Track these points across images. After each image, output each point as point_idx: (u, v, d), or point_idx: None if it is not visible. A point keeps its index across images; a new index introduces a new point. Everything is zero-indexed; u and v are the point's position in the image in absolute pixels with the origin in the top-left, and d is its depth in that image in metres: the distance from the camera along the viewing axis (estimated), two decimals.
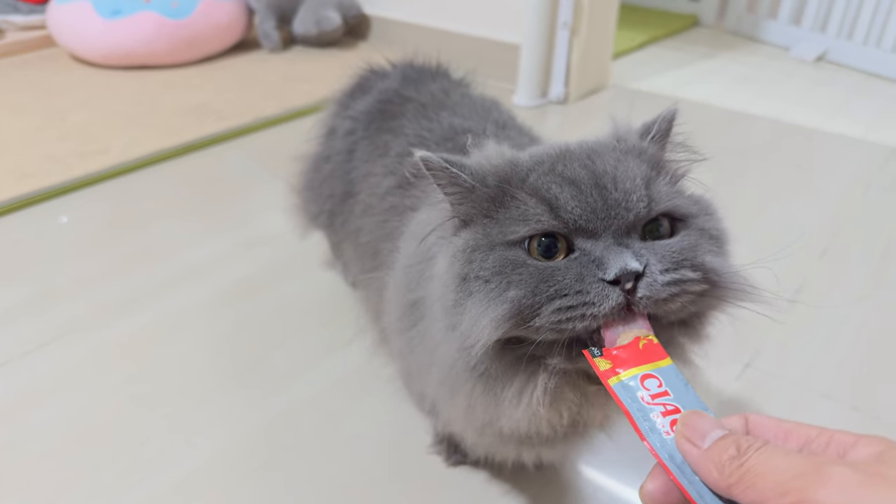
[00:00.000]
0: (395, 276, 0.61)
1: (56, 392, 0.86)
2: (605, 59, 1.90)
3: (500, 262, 0.42)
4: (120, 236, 1.20)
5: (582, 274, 0.40)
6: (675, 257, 0.42)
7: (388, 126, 0.81)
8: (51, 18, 1.94)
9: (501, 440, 0.54)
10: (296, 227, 0.99)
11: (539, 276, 0.41)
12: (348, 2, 2.11)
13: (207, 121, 1.60)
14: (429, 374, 0.53)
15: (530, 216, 0.43)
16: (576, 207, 0.42)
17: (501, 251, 0.43)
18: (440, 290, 0.47)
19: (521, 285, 0.41)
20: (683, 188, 0.49)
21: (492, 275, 0.42)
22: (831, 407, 0.84)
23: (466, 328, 0.43)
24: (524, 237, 0.43)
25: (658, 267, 0.41)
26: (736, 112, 1.79)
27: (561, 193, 0.42)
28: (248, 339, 0.96)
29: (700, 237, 0.44)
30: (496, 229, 0.44)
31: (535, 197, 0.43)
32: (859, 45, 2.16)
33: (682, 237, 0.44)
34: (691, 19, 2.64)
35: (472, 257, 0.44)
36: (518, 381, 0.45)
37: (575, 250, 0.42)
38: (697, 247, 0.43)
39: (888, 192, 1.38)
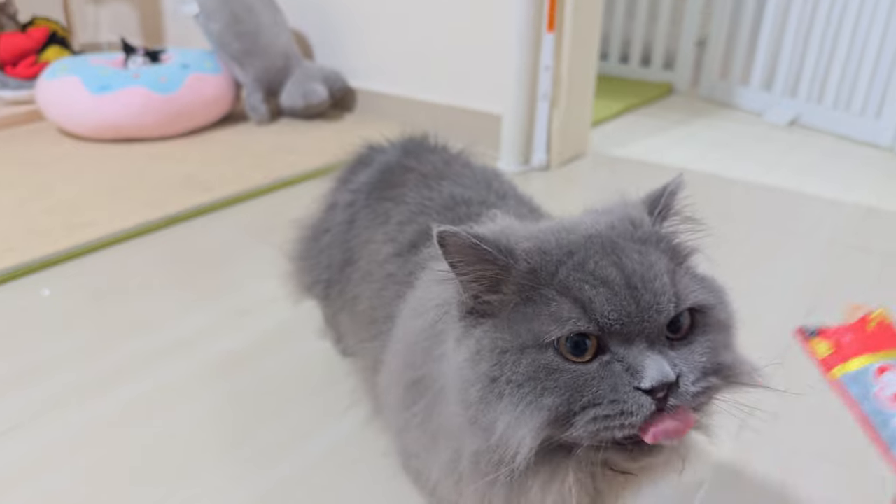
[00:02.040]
0: (395, 352, 0.60)
1: (37, 472, 0.83)
2: (585, 127, 1.95)
3: (534, 368, 0.42)
4: (106, 309, 1.18)
5: (616, 384, 0.40)
6: (703, 366, 0.42)
7: (389, 195, 0.81)
8: (39, 93, 1.97)
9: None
10: (289, 295, 0.99)
11: (574, 384, 0.41)
12: (334, 75, 2.17)
13: (194, 192, 1.61)
14: (431, 454, 0.52)
15: (564, 317, 0.42)
16: (612, 312, 0.41)
17: (534, 355, 0.42)
18: (459, 382, 0.45)
19: (556, 392, 0.41)
20: (695, 269, 0.50)
21: (525, 380, 0.42)
22: (828, 468, 0.84)
23: (503, 435, 0.42)
24: (557, 336, 0.42)
25: (690, 378, 0.42)
26: (713, 176, 1.84)
27: (596, 296, 0.42)
28: (238, 411, 0.94)
29: (718, 334, 0.45)
30: (524, 327, 0.43)
31: (568, 298, 0.42)
32: (829, 109, 2.24)
33: (705, 339, 0.44)
34: (666, 87, 2.73)
35: (502, 359, 0.43)
36: (545, 471, 0.44)
37: (607, 352, 0.42)
38: (718, 348, 0.44)
39: (865, 252, 1.41)
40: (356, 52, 2.20)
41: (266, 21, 2.07)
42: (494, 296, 0.45)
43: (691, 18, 2.65)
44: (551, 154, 1.85)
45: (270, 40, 2.07)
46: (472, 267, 0.44)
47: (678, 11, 2.69)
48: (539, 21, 1.71)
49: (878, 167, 1.95)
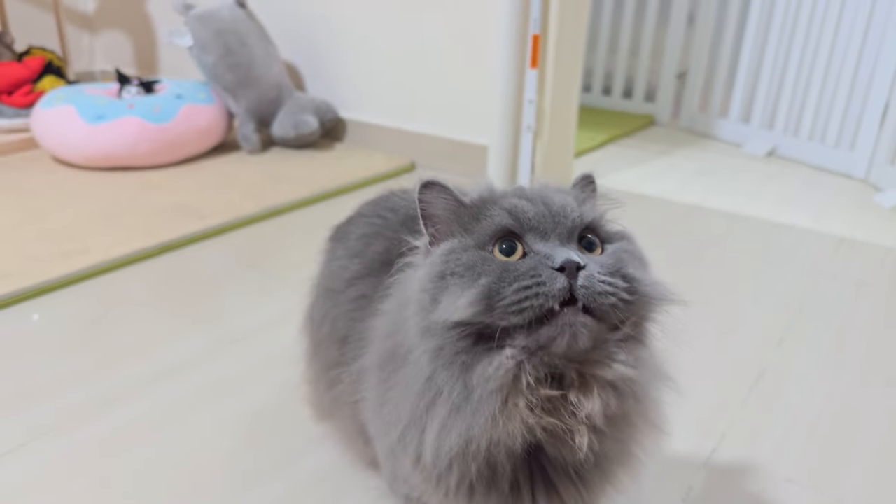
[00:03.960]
0: (375, 337, 0.63)
1: (30, 497, 0.85)
2: (568, 158, 2.01)
3: (473, 259, 0.52)
4: (98, 336, 1.21)
5: (535, 265, 0.50)
6: (609, 266, 0.51)
7: (346, 226, 0.84)
8: (35, 122, 2.01)
9: (467, 482, 0.55)
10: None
11: (503, 268, 0.50)
12: (325, 106, 2.22)
13: (187, 220, 1.65)
14: (398, 408, 0.56)
15: (496, 218, 0.53)
16: (529, 211, 0.53)
17: (474, 250, 0.53)
18: (417, 295, 0.54)
19: (489, 274, 0.50)
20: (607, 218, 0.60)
21: (465, 270, 0.51)
22: (796, 490, 0.88)
23: (443, 310, 0.51)
24: (491, 236, 0.53)
25: (596, 268, 0.50)
26: (693, 206, 1.89)
27: (520, 204, 0.54)
28: (228, 436, 0.96)
29: (624, 255, 0.54)
30: (470, 237, 0.54)
31: (503, 208, 0.54)
32: (805, 141, 2.32)
33: (611, 254, 0.54)
34: (647, 119, 2.80)
35: (448, 258, 0.53)
36: (486, 359, 0.50)
37: (529, 253, 0.52)
38: (624, 262, 0.53)
39: (838, 280, 1.46)
40: (346, 84, 2.25)
41: (259, 53, 2.12)
42: (454, 225, 0.56)
43: (672, 53, 2.73)
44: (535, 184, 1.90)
45: (263, 72, 2.13)
46: (440, 204, 0.56)
47: (659, 46, 2.78)
48: (523, 57, 1.77)
49: (852, 197, 2.01)
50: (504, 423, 0.50)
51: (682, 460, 0.93)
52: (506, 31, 1.74)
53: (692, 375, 1.11)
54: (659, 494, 0.87)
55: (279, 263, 1.50)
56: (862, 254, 1.60)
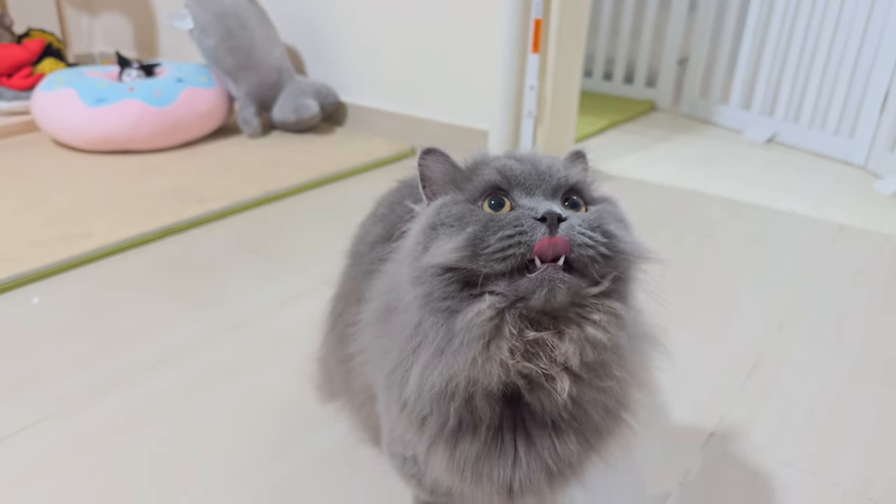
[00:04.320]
0: (375, 286, 0.66)
1: (33, 481, 0.86)
2: (568, 144, 2.01)
3: (461, 211, 0.55)
4: (101, 320, 1.22)
5: (519, 216, 0.52)
6: (589, 223, 0.53)
7: (392, 193, 0.84)
8: (36, 105, 2.00)
9: (450, 426, 0.57)
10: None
11: (489, 218, 0.53)
12: (325, 90, 2.21)
13: (188, 204, 1.65)
14: (386, 358, 0.59)
15: (486, 175, 0.57)
16: (516, 169, 0.56)
17: (464, 203, 0.56)
18: (411, 246, 0.57)
19: (475, 224, 0.53)
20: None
21: (454, 220, 0.54)
22: (793, 474, 0.89)
23: (431, 255, 0.53)
24: (481, 191, 0.56)
25: (577, 221, 0.53)
26: (693, 192, 1.90)
27: (509, 163, 0.57)
28: (232, 419, 0.98)
29: (606, 214, 0.56)
30: (462, 193, 0.57)
31: (493, 167, 0.57)
32: (805, 128, 2.32)
33: (594, 210, 0.57)
34: (648, 104, 2.80)
35: (440, 210, 0.56)
36: (469, 306, 0.52)
37: (515, 208, 0.54)
38: (604, 219, 0.55)
39: (836, 268, 1.47)
40: (347, 68, 2.25)
41: (259, 36, 2.11)
42: (450, 185, 0.59)
43: (673, 38, 2.72)
44: None
45: (263, 55, 2.12)
46: (437, 168, 0.60)
47: (660, 31, 2.77)
48: (524, 43, 1.76)
49: (851, 185, 2.02)
50: (483, 364, 0.52)
51: (679, 444, 0.94)
52: (508, 16, 1.74)
53: (692, 360, 1.13)
54: (656, 477, 0.88)
55: (280, 248, 1.50)
56: (860, 241, 1.61)
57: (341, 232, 0.85)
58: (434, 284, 0.53)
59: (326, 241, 1.52)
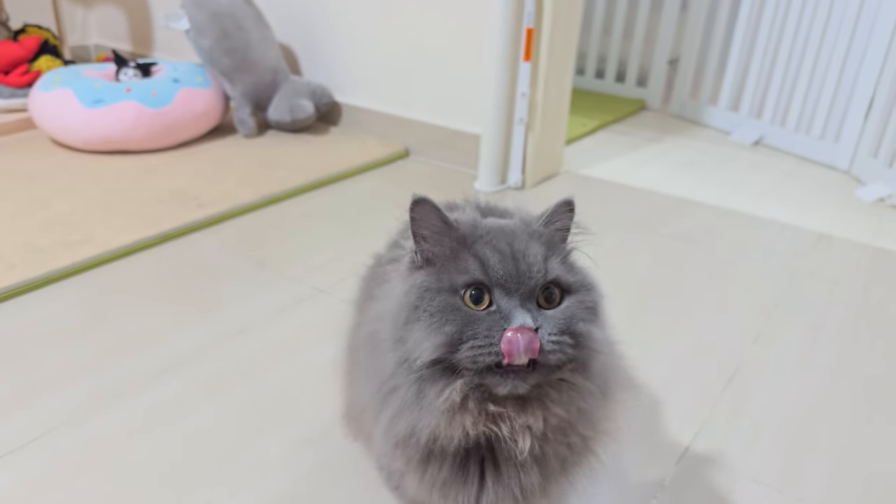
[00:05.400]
0: (370, 308, 0.71)
1: (42, 491, 0.90)
2: (558, 148, 2.05)
3: (444, 304, 0.58)
4: (103, 327, 1.26)
5: (492, 325, 0.56)
6: (559, 325, 0.57)
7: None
8: (33, 104, 2.02)
9: (419, 457, 0.64)
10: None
11: (467, 320, 0.57)
12: (321, 90, 2.24)
13: (186, 208, 1.68)
14: (367, 385, 0.66)
15: (470, 270, 0.59)
16: (500, 270, 0.58)
17: (446, 295, 0.59)
18: (395, 308, 0.61)
19: (454, 324, 0.57)
20: (573, 262, 0.64)
21: (436, 311, 0.58)
22: (759, 490, 0.95)
23: (412, 346, 0.58)
24: (463, 285, 0.59)
25: (547, 330, 0.57)
26: (679, 198, 1.95)
27: (491, 258, 0.59)
28: (229, 429, 1.02)
29: (578, 308, 0.60)
30: (445, 276, 0.60)
31: (476, 259, 0.60)
32: (791, 132, 2.36)
33: (566, 308, 0.59)
34: (639, 104, 2.84)
35: (424, 295, 0.59)
36: (441, 383, 0.58)
37: (493, 304, 0.58)
38: (575, 317, 0.59)
39: (814, 277, 1.52)
40: (342, 68, 2.27)
41: (255, 37, 2.13)
42: (437, 248, 0.61)
43: (664, 38, 2.75)
44: (526, 174, 1.95)
45: (259, 56, 2.14)
46: (428, 223, 0.61)
47: (652, 31, 2.79)
48: (516, 51, 1.80)
49: (834, 190, 2.07)
50: (446, 429, 0.59)
51: (656, 457, 0.99)
52: (500, 24, 1.77)
53: (671, 373, 1.18)
54: (633, 489, 0.94)
55: (278, 253, 1.54)
56: (840, 250, 1.66)
57: (336, 237, 0.87)
58: (410, 359, 0.59)
59: (323, 246, 1.56)
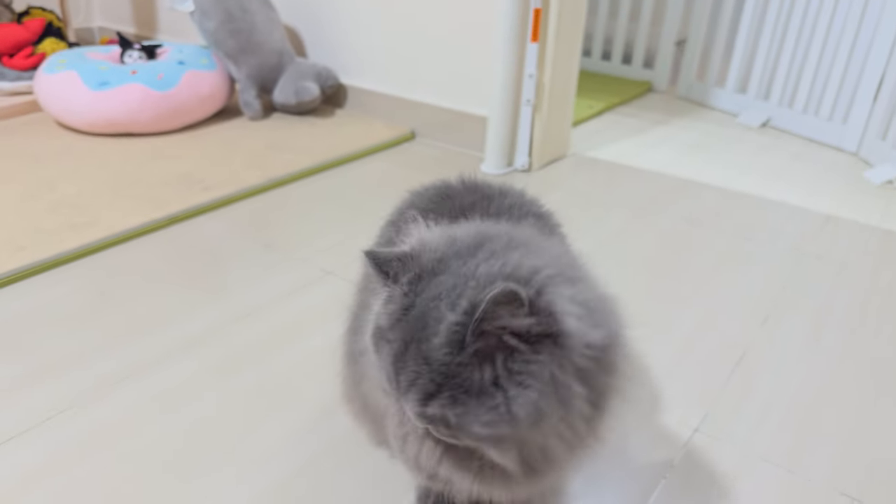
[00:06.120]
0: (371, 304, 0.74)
1: (51, 473, 0.91)
2: (565, 130, 2.04)
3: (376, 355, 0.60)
4: (111, 309, 1.26)
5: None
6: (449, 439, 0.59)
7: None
8: (38, 87, 2.02)
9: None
10: None
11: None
12: (326, 72, 2.23)
13: (193, 191, 1.68)
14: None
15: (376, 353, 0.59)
16: (385, 383, 0.58)
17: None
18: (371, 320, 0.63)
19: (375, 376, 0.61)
20: (472, 401, 0.53)
21: (376, 354, 0.60)
22: (769, 470, 0.95)
23: (370, 380, 0.69)
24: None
25: (440, 435, 0.58)
26: (686, 180, 1.94)
27: (382, 368, 0.58)
28: (235, 413, 1.02)
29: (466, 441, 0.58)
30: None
31: (379, 348, 0.58)
32: (800, 113, 2.35)
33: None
34: (645, 85, 2.82)
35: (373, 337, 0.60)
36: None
37: None
38: (465, 442, 0.58)
39: (821, 260, 1.52)
40: (347, 50, 2.26)
41: (260, 19, 2.12)
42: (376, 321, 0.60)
43: (671, 19, 2.73)
44: (533, 157, 1.94)
45: (264, 38, 2.13)
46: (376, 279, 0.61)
47: (659, 12, 2.77)
48: (524, 32, 1.78)
49: (842, 172, 2.06)
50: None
51: (665, 439, 1.00)
52: (508, 4, 1.75)
53: (680, 355, 1.19)
54: (641, 471, 0.94)
55: (285, 236, 1.54)
56: (847, 232, 1.66)
57: (343, 219, 0.87)
58: None
59: (329, 229, 1.56)
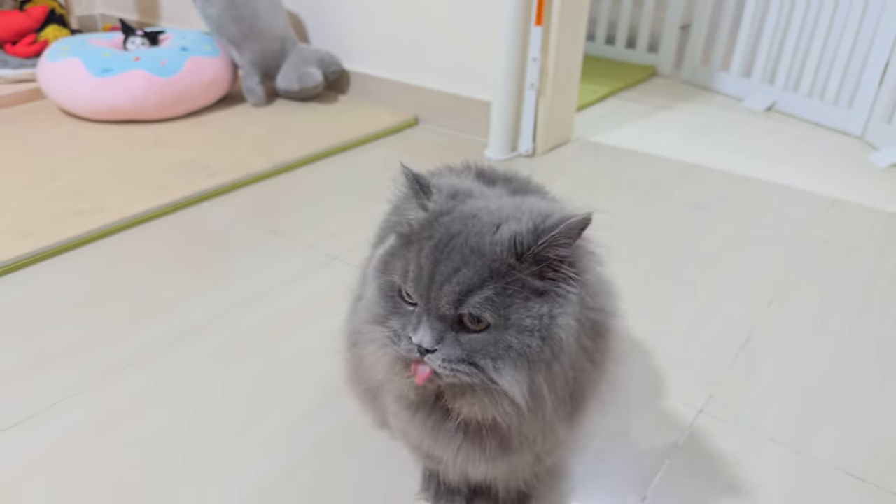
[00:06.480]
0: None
1: (54, 459, 0.92)
2: (569, 115, 2.03)
3: (385, 287, 0.62)
4: (118, 295, 1.27)
5: (406, 323, 0.60)
6: (458, 356, 0.58)
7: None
8: (41, 75, 2.01)
9: (406, 408, 0.69)
10: None
11: (393, 308, 0.61)
12: (329, 58, 2.22)
13: (197, 177, 1.68)
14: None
15: (399, 270, 0.61)
16: (411, 286, 0.59)
17: (388, 280, 0.62)
18: (374, 264, 0.65)
19: (382, 307, 0.62)
20: (522, 299, 0.57)
21: (378, 288, 0.63)
22: (775, 449, 0.96)
23: (360, 314, 0.67)
24: (397, 285, 0.61)
25: (441, 356, 0.58)
26: (691, 164, 1.93)
27: (413, 270, 0.59)
28: (242, 397, 1.03)
29: (493, 345, 0.58)
30: (393, 262, 0.62)
31: (405, 262, 0.60)
32: (805, 97, 2.34)
33: (482, 338, 0.58)
34: (650, 70, 2.81)
35: (378, 267, 0.63)
36: (377, 348, 0.64)
37: (413, 306, 0.60)
38: (482, 352, 0.58)
39: (827, 243, 1.52)
40: (350, 36, 2.25)
41: (263, 5, 2.11)
42: (405, 228, 0.62)
43: (676, 3, 2.71)
44: (537, 141, 1.93)
45: (267, 24, 2.12)
46: (406, 198, 0.63)
47: None
48: (528, 15, 1.77)
49: (847, 156, 2.05)
50: (394, 387, 0.67)
51: (669, 419, 1.00)
52: None
53: (686, 338, 1.19)
54: (646, 452, 0.95)
55: (290, 221, 1.54)
56: (853, 215, 1.66)
57: (348, 205, 0.87)
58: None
59: (334, 214, 1.56)
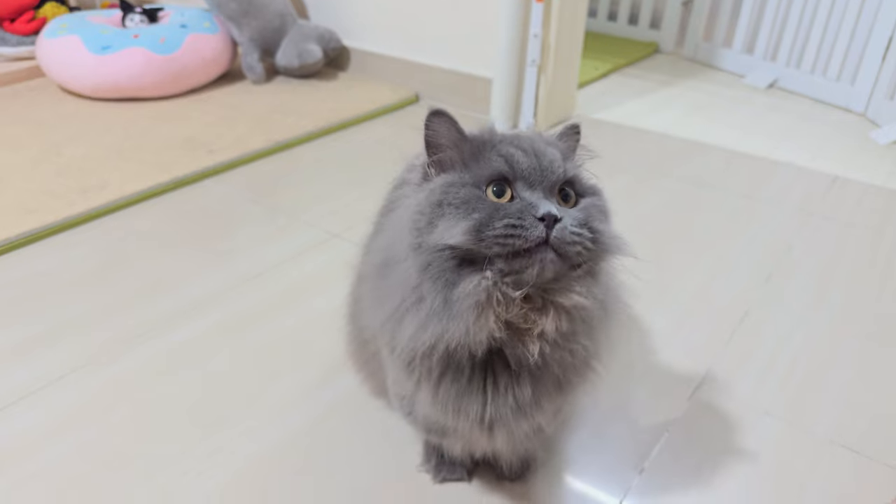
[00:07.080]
0: (377, 239, 0.74)
1: (65, 429, 0.93)
2: (571, 91, 2.03)
3: (468, 195, 0.60)
4: (122, 271, 1.28)
5: (521, 210, 0.59)
6: (580, 219, 0.61)
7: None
8: (40, 52, 2.01)
9: (437, 372, 0.66)
10: None
11: (494, 208, 0.59)
12: (329, 34, 2.21)
13: (198, 155, 1.69)
14: (382, 305, 0.66)
15: (493, 165, 0.62)
16: (524, 163, 0.62)
17: (471, 188, 0.61)
18: (414, 214, 0.62)
19: (481, 211, 0.59)
20: (583, 173, 0.68)
21: (461, 203, 0.60)
22: (771, 423, 0.97)
23: (438, 235, 0.59)
24: (487, 178, 0.61)
25: (569, 221, 0.60)
26: (692, 141, 1.93)
27: (515, 154, 0.62)
28: (247, 370, 1.05)
29: (593, 209, 0.64)
30: (468, 173, 0.62)
31: (500, 155, 0.62)
32: (807, 74, 2.32)
33: (583, 208, 0.63)
34: (652, 46, 2.79)
35: (447, 190, 0.61)
36: (468, 279, 0.60)
37: (516, 198, 0.60)
38: (592, 216, 0.63)
39: (828, 221, 1.52)
40: (350, 12, 2.23)
41: None
42: (454, 155, 0.64)
43: None
44: (538, 118, 1.93)
45: (266, 0, 2.11)
46: (444, 133, 0.64)
47: None
48: None
49: (849, 133, 2.04)
50: (474, 333, 0.60)
51: (668, 393, 1.02)
52: None
53: (685, 312, 1.20)
54: (646, 424, 0.96)
55: (290, 198, 1.55)
56: (854, 192, 1.66)
57: (348, 182, 0.88)
58: (435, 257, 0.60)
59: (335, 192, 1.57)
